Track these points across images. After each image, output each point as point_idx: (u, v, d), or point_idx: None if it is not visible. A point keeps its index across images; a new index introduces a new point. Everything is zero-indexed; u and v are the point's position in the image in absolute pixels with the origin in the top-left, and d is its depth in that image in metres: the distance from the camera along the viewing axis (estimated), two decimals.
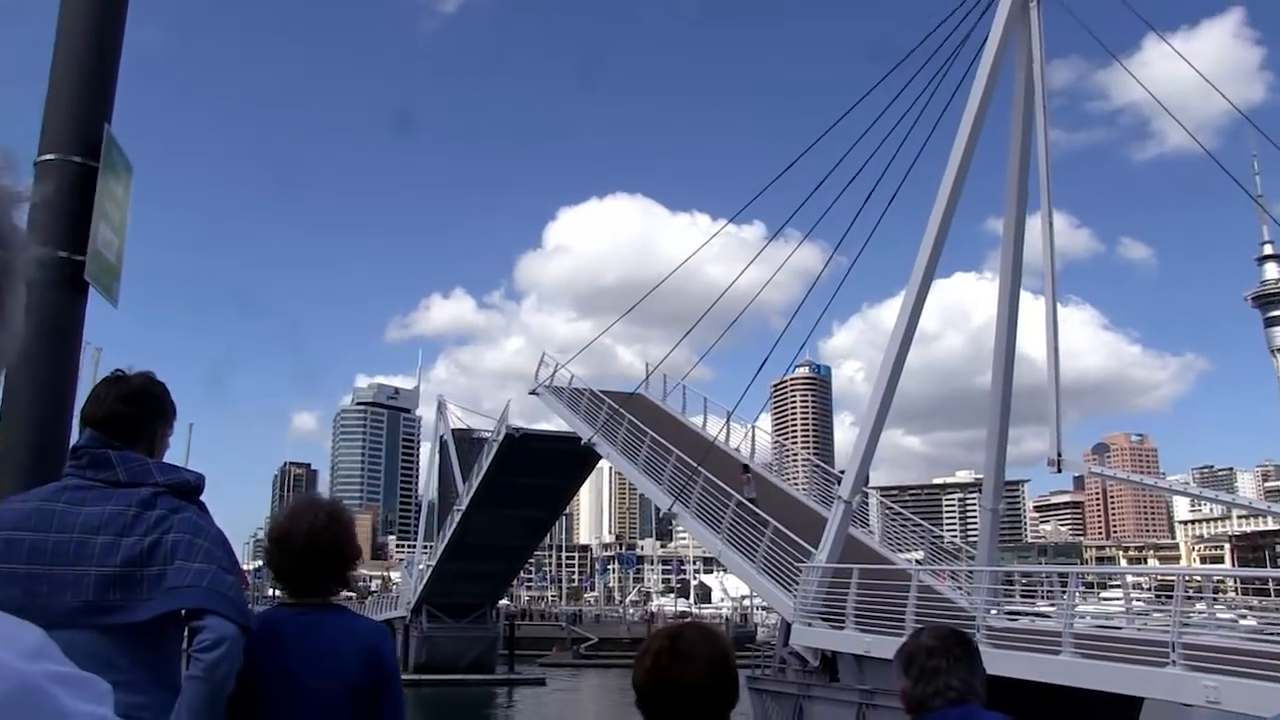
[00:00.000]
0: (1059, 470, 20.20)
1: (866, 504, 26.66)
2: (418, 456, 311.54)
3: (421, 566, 55.27)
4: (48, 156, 3.34)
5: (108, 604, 2.76)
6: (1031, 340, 21.23)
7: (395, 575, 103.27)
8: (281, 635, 3.29)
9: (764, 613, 29.50)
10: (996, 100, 21.67)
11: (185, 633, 2.95)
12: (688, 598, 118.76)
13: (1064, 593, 16.32)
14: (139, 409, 3.06)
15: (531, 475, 39.93)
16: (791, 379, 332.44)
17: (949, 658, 2.93)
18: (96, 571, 2.77)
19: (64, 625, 2.65)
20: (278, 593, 3.53)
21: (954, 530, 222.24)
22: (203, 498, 3.13)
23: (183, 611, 2.88)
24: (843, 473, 23.70)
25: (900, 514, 26.40)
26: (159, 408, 3.15)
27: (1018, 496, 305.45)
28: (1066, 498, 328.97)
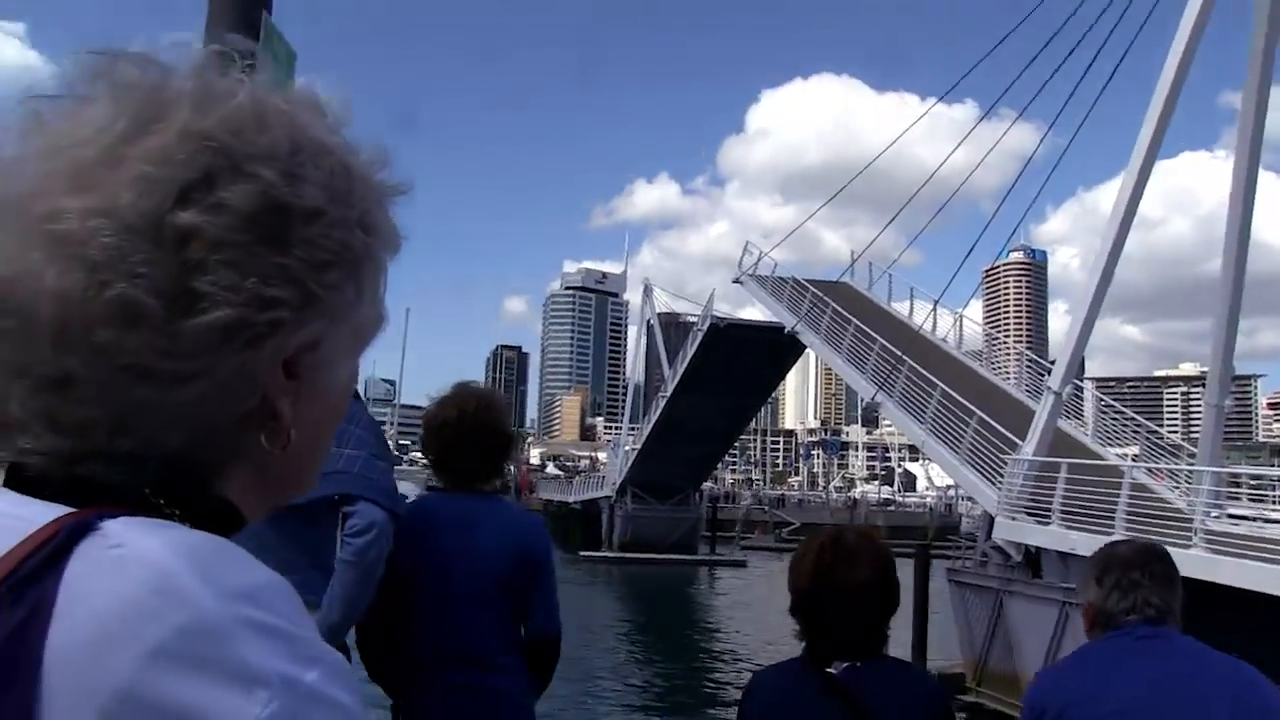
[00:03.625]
0: None
1: (1080, 396, 25.59)
2: (625, 340, 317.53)
3: (627, 448, 56.52)
4: (213, 48, 3.36)
5: None
6: (1271, 224, 19.68)
7: (602, 456, 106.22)
8: (434, 521, 3.35)
9: (969, 503, 29.02)
10: None
11: (340, 517, 3.00)
12: (892, 485, 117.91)
13: None
14: None
15: (736, 364, 39.93)
16: (1005, 264, 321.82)
17: (1149, 573, 2.63)
18: None
19: None
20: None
21: (1175, 426, 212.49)
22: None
23: (336, 496, 2.92)
24: (1054, 363, 22.73)
25: (1113, 407, 25.26)
26: None
27: (1249, 392, 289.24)
28: None
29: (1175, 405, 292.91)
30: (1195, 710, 2.39)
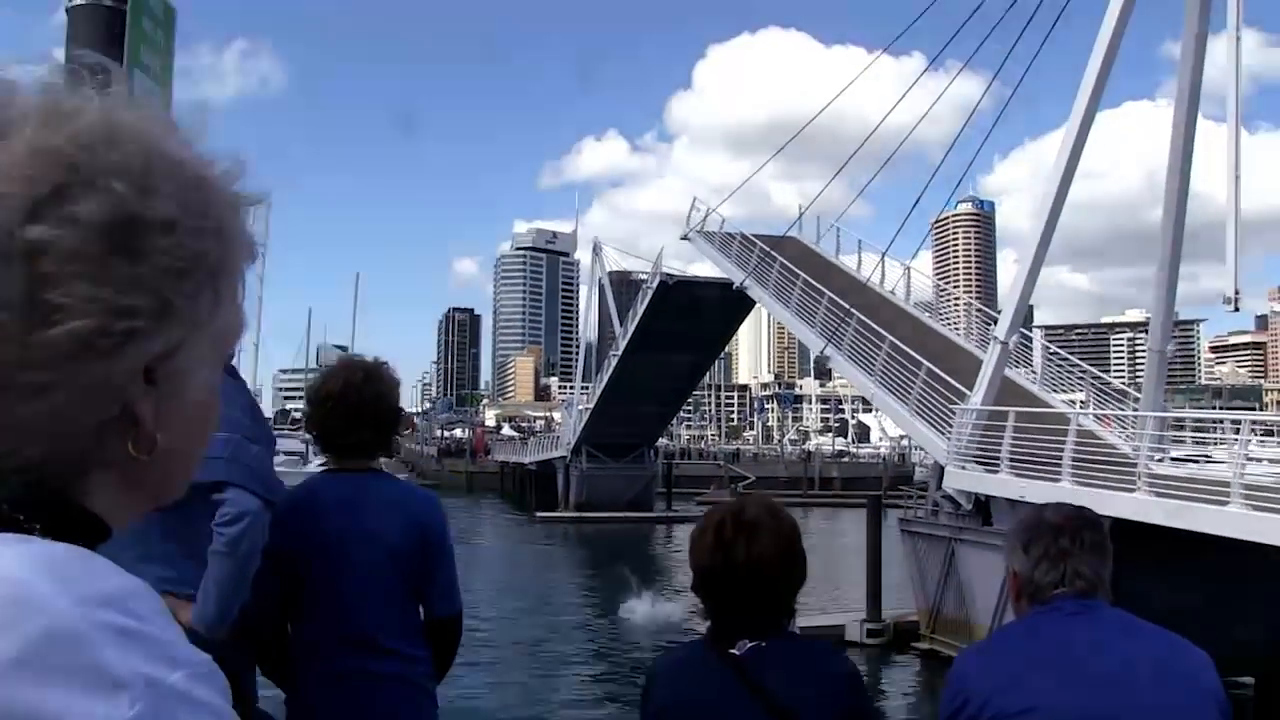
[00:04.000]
0: (1235, 309, 18.91)
1: (1029, 345, 25.81)
2: (577, 299, 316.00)
3: (581, 408, 56.45)
4: (78, 1, 3.17)
5: None
6: (1213, 173, 19.80)
7: (557, 416, 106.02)
8: (322, 502, 3.20)
9: (922, 453, 29.33)
10: None
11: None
12: (845, 437, 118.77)
13: (1236, 440, 15.46)
14: None
15: (686, 320, 39.93)
16: (954, 215, 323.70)
17: (1079, 540, 2.43)
18: None
19: None
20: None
21: (1122, 372, 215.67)
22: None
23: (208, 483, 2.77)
24: (1000, 312, 22.90)
25: (1058, 354, 25.49)
26: None
27: (1192, 336, 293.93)
28: (1247, 338, 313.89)
29: (1122, 351, 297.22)
30: (1120, 692, 2.28)
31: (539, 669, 19.04)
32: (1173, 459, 17.56)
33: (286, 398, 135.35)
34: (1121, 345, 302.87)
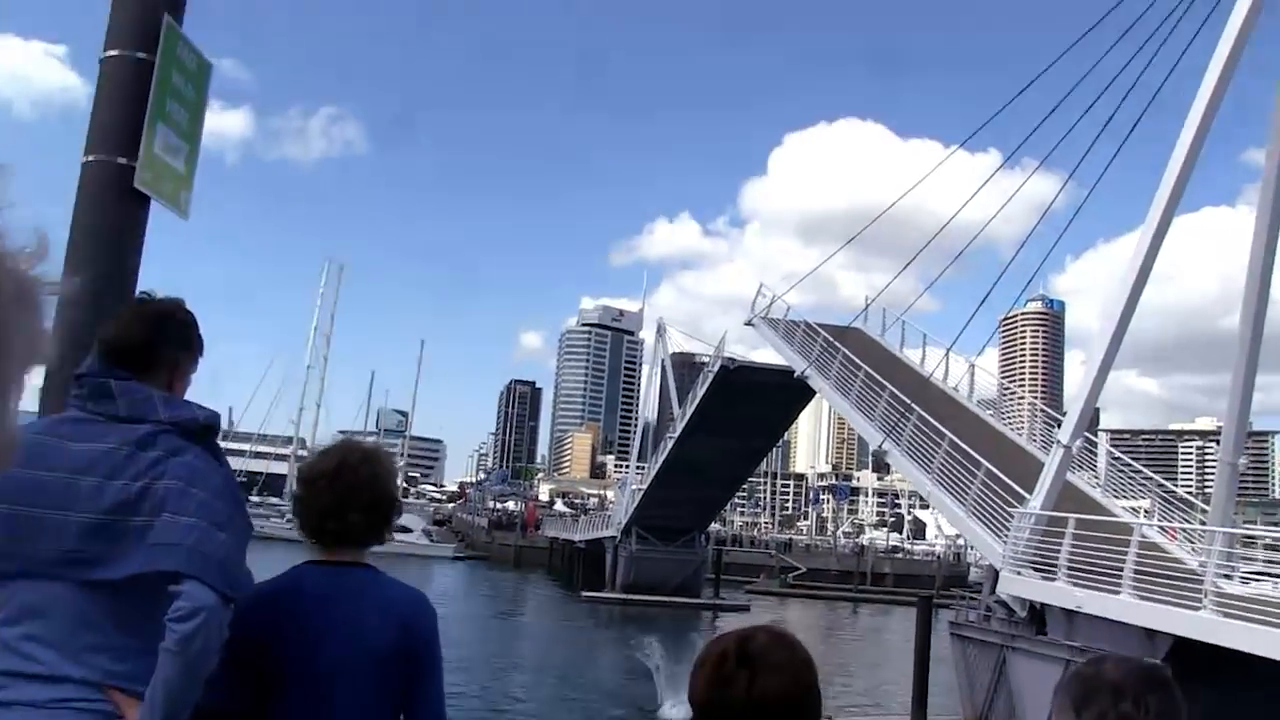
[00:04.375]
0: None
1: (1094, 449, 25.14)
2: (639, 379, 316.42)
3: (634, 488, 56.06)
4: (111, 53, 3.08)
5: (88, 556, 2.43)
6: None
7: (611, 494, 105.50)
8: (303, 596, 2.91)
9: (977, 554, 28.60)
10: (1267, 11, 19.51)
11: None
12: (900, 532, 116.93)
13: None
14: (158, 334, 2.68)
15: (745, 406, 39.67)
16: (1022, 313, 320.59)
17: (1144, 705, 2.01)
18: (79, 518, 2.44)
19: (43, 575, 2.35)
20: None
21: (1189, 481, 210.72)
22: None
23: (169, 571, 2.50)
24: (1064, 414, 22.33)
25: (1120, 459, 24.78)
26: (183, 334, 2.76)
27: (1266, 448, 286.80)
28: None
29: (1190, 460, 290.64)
30: None
31: None
32: (1242, 577, 16.84)
33: None
34: (1190, 454, 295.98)
